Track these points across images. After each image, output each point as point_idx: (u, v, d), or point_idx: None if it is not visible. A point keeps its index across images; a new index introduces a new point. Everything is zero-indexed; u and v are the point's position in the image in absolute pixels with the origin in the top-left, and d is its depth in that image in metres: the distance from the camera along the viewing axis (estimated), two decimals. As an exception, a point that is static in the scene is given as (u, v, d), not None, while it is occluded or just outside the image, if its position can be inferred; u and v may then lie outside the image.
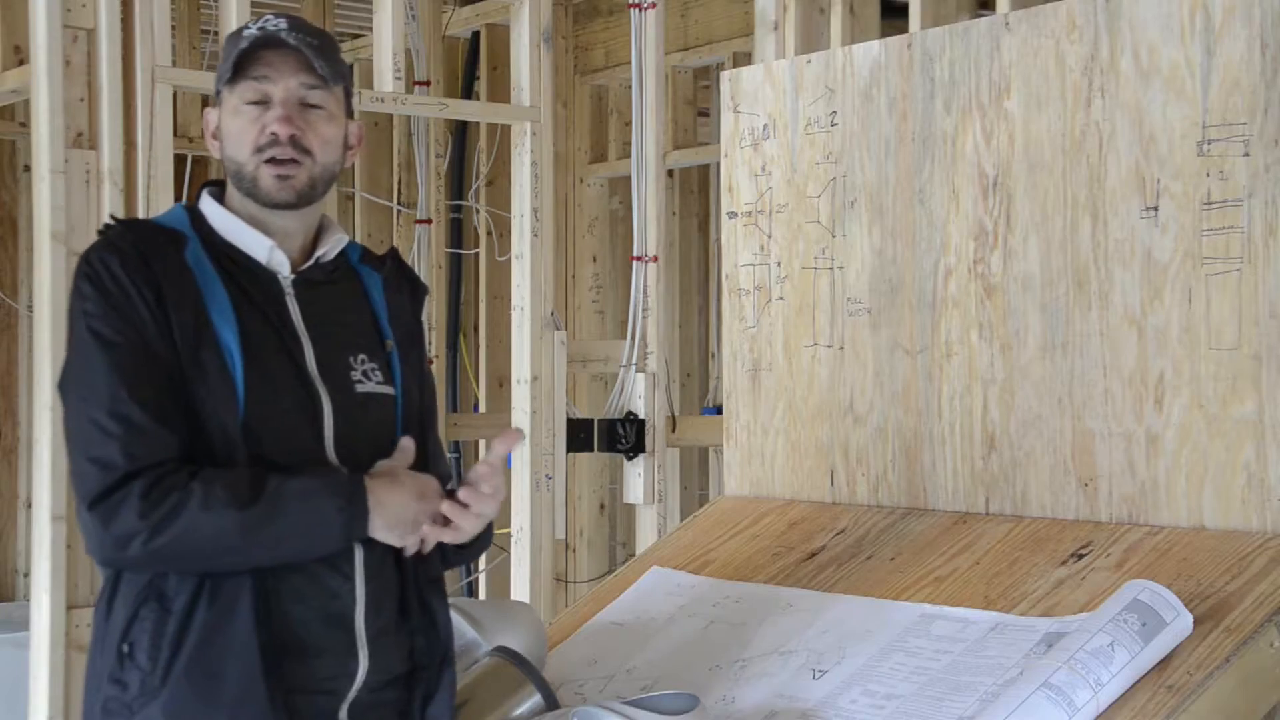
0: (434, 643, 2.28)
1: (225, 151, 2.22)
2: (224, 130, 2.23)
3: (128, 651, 2.10)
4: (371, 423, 2.24)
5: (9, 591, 6.47)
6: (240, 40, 2.21)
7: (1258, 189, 2.52)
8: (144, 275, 2.11)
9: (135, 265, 2.12)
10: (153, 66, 3.50)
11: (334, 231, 2.31)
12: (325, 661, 2.16)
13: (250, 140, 2.19)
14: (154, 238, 2.18)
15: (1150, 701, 2.20)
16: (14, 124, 6.10)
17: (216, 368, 2.11)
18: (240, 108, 2.20)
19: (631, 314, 4.39)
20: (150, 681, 2.08)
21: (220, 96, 2.24)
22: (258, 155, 2.18)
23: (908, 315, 3.00)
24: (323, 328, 2.23)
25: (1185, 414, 2.60)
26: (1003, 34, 2.88)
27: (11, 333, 6.57)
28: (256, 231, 2.22)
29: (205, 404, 2.10)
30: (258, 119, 2.19)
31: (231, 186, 2.24)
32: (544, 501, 4.15)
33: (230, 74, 2.20)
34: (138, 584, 2.10)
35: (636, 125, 4.37)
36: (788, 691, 2.51)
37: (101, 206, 3.46)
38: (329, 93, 2.22)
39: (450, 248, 5.63)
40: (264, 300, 2.20)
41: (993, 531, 2.78)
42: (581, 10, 5.85)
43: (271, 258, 2.22)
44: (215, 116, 2.25)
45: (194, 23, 5.83)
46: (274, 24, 2.21)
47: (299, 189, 2.20)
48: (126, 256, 2.12)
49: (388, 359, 2.28)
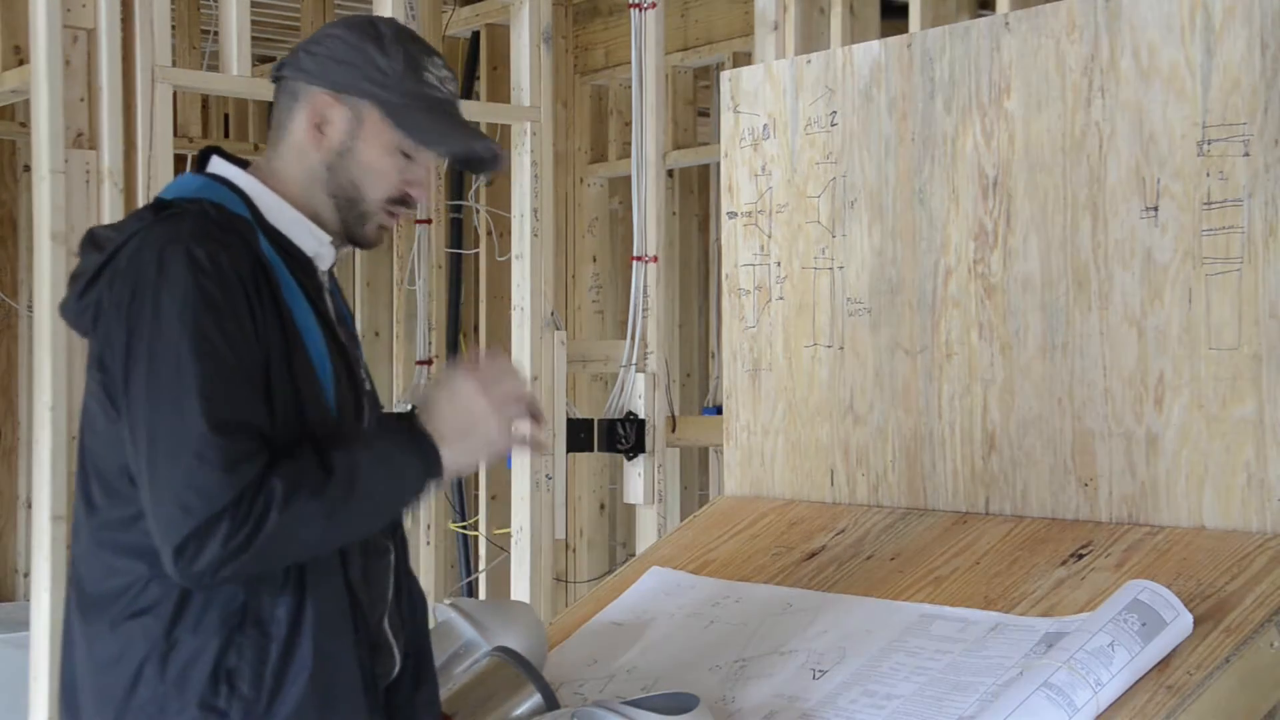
0: (420, 631, 2.27)
1: (348, 170, 2.11)
2: (360, 152, 2.11)
3: (227, 678, 1.96)
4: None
5: (9, 591, 6.47)
6: (436, 95, 2.13)
7: (1258, 189, 2.52)
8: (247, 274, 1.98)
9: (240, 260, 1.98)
10: (153, 66, 3.50)
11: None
12: (383, 656, 2.15)
13: (389, 186, 2.12)
14: (233, 226, 2.03)
15: (1150, 701, 2.20)
16: (14, 124, 6.11)
17: (306, 369, 2.02)
18: (394, 149, 2.11)
19: (631, 314, 4.39)
20: (255, 710, 1.96)
21: (362, 106, 2.10)
22: (386, 203, 2.13)
23: (908, 315, 3.00)
24: (341, 326, 2.18)
25: (1185, 414, 2.60)
26: (1003, 34, 2.88)
27: (11, 333, 6.57)
28: (314, 225, 2.12)
29: (306, 407, 2.01)
30: (404, 170, 2.12)
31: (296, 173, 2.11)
32: (544, 501, 4.15)
33: (428, 137, 2.12)
34: (229, 606, 1.97)
35: (636, 125, 4.37)
36: (788, 691, 2.51)
37: (101, 206, 3.46)
38: None
39: (450, 248, 5.63)
40: (317, 298, 2.11)
41: (993, 531, 2.78)
42: (581, 10, 5.85)
43: (319, 252, 2.14)
44: (344, 118, 2.11)
45: (194, 23, 5.83)
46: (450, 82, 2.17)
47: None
48: (232, 252, 1.98)
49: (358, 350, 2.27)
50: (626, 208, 5.01)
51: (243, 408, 1.93)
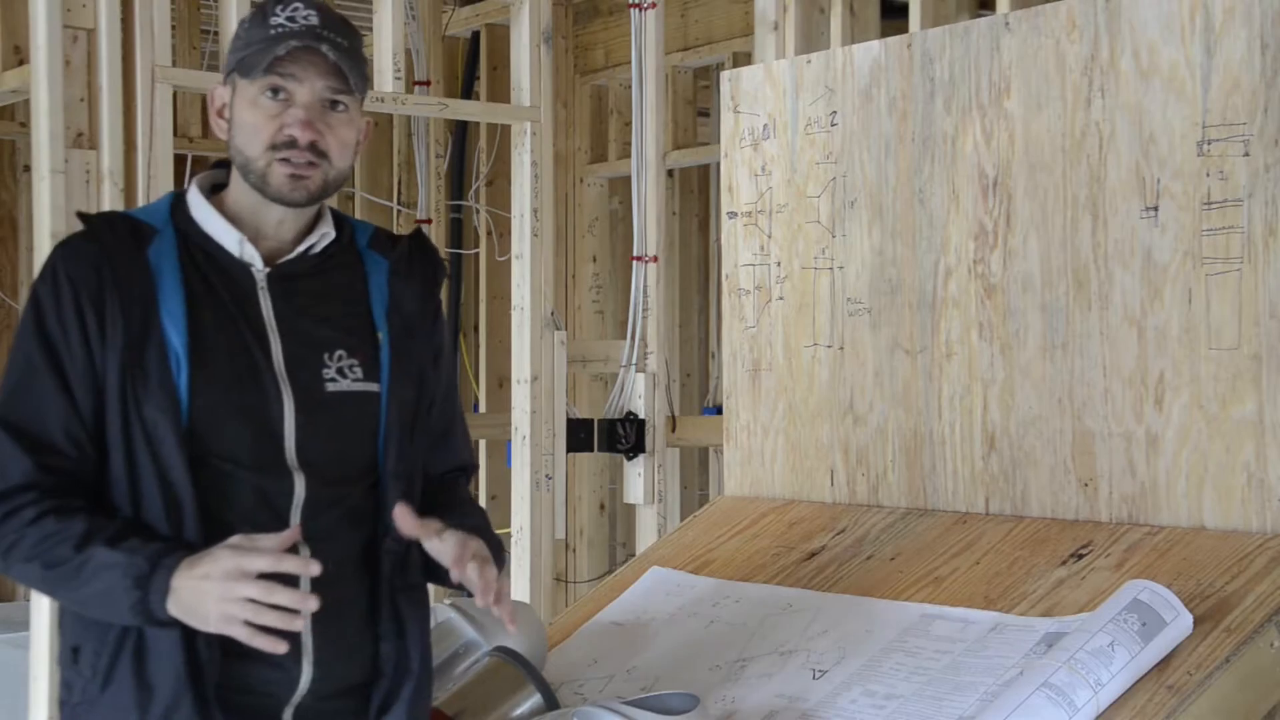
0: (400, 652, 2.18)
1: (235, 140, 2.14)
2: (237, 118, 2.14)
3: (72, 657, 2.10)
4: (343, 423, 2.16)
5: (9, 592, 6.47)
6: (271, 33, 2.10)
7: (1258, 189, 2.52)
8: (90, 287, 2.08)
9: (85, 275, 2.08)
10: (153, 66, 3.50)
11: (324, 223, 2.22)
12: (265, 667, 2.08)
13: (266, 136, 2.11)
14: (117, 235, 2.12)
15: (1150, 701, 2.20)
16: (14, 124, 6.10)
17: (159, 371, 2.06)
18: (259, 100, 2.11)
19: (631, 314, 4.39)
20: (90, 689, 2.08)
21: (232, 76, 2.15)
22: (271, 152, 2.11)
23: (908, 315, 3.00)
24: (296, 323, 2.15)
25: (1185, 414, 2.60)
26: (1003, 34, 2.88)
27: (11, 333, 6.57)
28: (228, 224, 2.15)
29: (146, 408, 2.05)
30: (276, 115, 2.11)
31: (235, 168, 2.17)
32: (544, 501, 4.15)
33: (256, 69, 2.10)
34: None
35: (636, 125, 4.37)
36: (788, 691, 2.51)
37: (101, 206, 3.45)
38: (352, 95, 2.15)
39: (450, 248, 5.63)
40: (232, 296, 2.13)
41: (993, 531, 2.78)
42: (581, 10, 5.85)
43: (243, 251, 2.15)
44: (226, 95, 2.16)
45: (194, 23, 5.83)
46: (305, 17, 2.10)
47: (312, 191, 2.13)
48: (77, 266, 2.09)
49: (375, 352, 2.19)
50: (626, 208, 5.01)
51: (23, 409, 2.07)
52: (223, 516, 2.07)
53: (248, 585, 1.97)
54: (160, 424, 2.06)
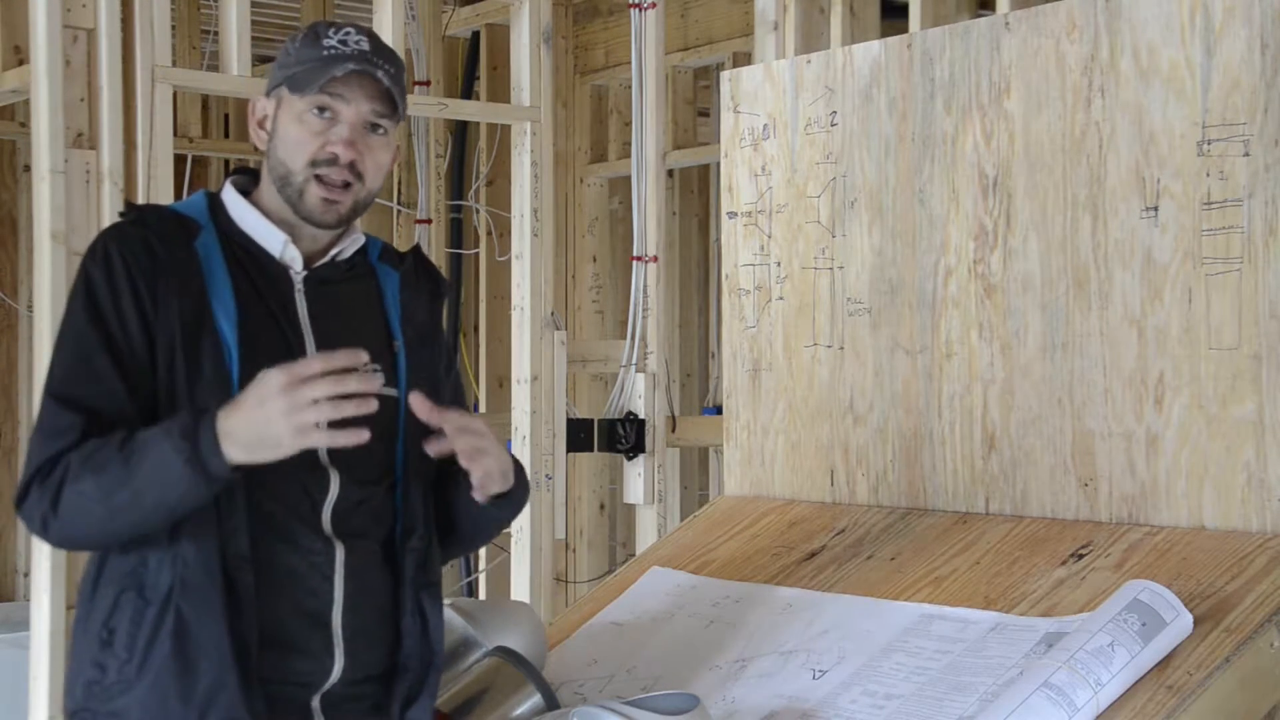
0: (423, 646, 2.27)
1: (276, 152, 2.21)
2: (280, 130, 2.21)
3: (107, 638, 2.11)
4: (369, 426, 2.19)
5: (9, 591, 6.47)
6: (325, 54, 2.17)
7: (1258, 189, 2.52)
8: (143, 267, 2.12)
9: (137, 255, 2.12)
10: (153, 66, 3.50)
11: (352, 230, 2.30)
12: (301, 657, 2.16)
13: (308, 152, 2.18)
14: (165, 225, 2.18)
15: (1150, 701, 2.20)
16: (14, 124, 6.10)
17: (212, 357, 2.11)
18: (305, 115, 2.18)
19: (631, 314, 4.39)
20: (127, 671, 2.09)
21: (279, 90, 2.21)
22: (311, 168, 2.18)
23: (908, 315, 3.00)
24: (329, 326, 2.22)
25: (1185, 414, 2.60)
26: (1003, 34, 2.88)
27: (12, 333, 6.57)
28: (272, 225, 2.22)
29: (197, 392, 2.10)
30: (321, 132, 2.18)
31: (268, 180, 2.23)
32: (544, 501, 4.15)
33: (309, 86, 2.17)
34: (120, 571, 2.12)
35: (636, 125, 4.37)
36: (788, 691, 2.51)
37: (101, 206, 3.46)
38: (394, 121, 2.23)
39: (450, 248, 5.63)
40: (272, 295, 2.20)
41: (993, 531, 2.78)
42: (581, 10, 5.85)
43: (285, 253, 2.22)
44: (269, 108, 2.23)
45: (194, 23, 5.83)
46: (356, 42, 2.18)
47: (343, 215, 2.22)
48: (130, 246, 2.13)
49: (394, 360, 2.27)
50: (626, 208, 5.01)
51: (76, 384, 2.09)
52: (266, 507, 2.14)
53: (311, 388, 2.00)
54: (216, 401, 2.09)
